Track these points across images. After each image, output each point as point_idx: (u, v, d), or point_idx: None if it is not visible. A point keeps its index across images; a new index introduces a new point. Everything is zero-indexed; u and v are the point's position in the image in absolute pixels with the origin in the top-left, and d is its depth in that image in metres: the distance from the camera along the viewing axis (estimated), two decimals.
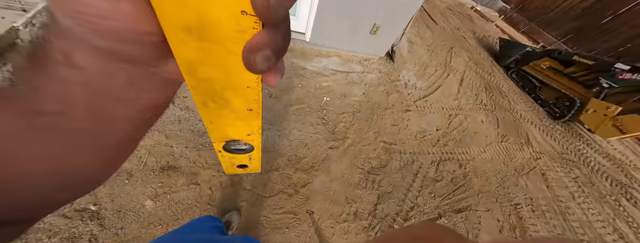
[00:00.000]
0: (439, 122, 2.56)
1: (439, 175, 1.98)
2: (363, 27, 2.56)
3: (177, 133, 1.37)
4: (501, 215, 1.92)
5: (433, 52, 3.91)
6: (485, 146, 2.54)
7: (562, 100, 3.70)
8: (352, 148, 1.83)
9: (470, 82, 3.60)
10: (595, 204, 2.52)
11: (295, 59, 2.39)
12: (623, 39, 6.02)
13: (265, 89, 1.89)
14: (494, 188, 2.11)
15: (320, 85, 2.25)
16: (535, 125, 3.39)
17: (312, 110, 1.94)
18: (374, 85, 2.61)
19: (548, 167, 2.71)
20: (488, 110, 3.18)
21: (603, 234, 2.21)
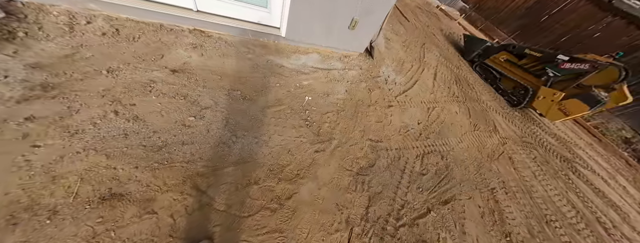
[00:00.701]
0: (420, 115, 2.42)
1: (424, 168, 1.84)
2: (341, 21, 2.26)
3: (123, 151, 1.01)
4: (481, 201, 1.85)
5: (408, 48, 3.75)
6: (461, 136, 2.46)
7: (518, 89, 3.80)
8: (339, 150, 1.59)
9: (442, 75, 3.52)
10: (551, 180, 2.59)
11: (271, 56, 2.05)
12: (558, 35, 6.43)
13: (238, 90, 1.56)
14: (473, 176, 2.03)
15: (300, 84, 1.96)
16: (499, 113, 3.43)
17: (293, 111, 1.65)
18: (356, 82, 2.37)
19: (513, 150, 2.73)
20: (460, 102, 3.12)
21: (560, 206, 2.27)
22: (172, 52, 1.59)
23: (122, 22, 1.60)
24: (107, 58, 1.37)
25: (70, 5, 1.51)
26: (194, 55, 1.66)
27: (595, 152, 4.02)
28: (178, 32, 1.75)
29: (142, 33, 1.60)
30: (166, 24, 1.75)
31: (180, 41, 1.69)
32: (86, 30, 1.47)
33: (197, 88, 1.46)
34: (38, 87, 1.12)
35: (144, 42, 1.56)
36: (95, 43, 1.42)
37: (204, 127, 1.29)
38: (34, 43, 1.28)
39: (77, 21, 1.48)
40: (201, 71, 1.57)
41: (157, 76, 1.41)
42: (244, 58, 1.88)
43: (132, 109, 1.17)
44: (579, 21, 6.03)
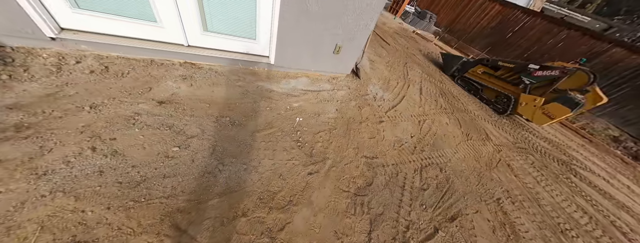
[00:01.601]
0: (412, 129, 2.40)
1: (424, 183, 1.74)
2: (326, 47, 2.39)
3: (95, 191, 0.91)
4: (489, 214, 1.71)
5: (391, 67, 3.93)
6: (456, 146, 2.42)
7: (501, 98, 3.92)
8: (333, 170, 1.51)
9: (428, 90, 3.63)
10: (555, 185, 2.49)
11: (261, 82, 2.08)
12: (523, 48, 7.02)
13: (227, 116, 1.52)
14: (475, 187, 1.93)
15: (291, 106, 1.95)
16: (488, 121, 3.46)
17: (284, 133, 1.60)
18: (345, 101, 2.39)
19: (509, 157, 2.67)
20: (448, 113, 3.16)
21: (571, 213, 2.13)
22: (161, 84, 1.59)
23: (113, 59, 1.62)
24: (91, 94, 1.34)
25: (61, 48, 1.53)
26: (183, 86, 1.65)
27: (589, 153, 4.00)
28: (168, 66, 1.78)
29: (131, 69, 1.61)
30: (157, 59, 1.79)
31: (170, 74, 1.71)
32: (74, 69, 1.47)
33: (184, 117, 1.41)
34: (11, 128, 1.05)
35: (133, 77, 1.56)
36: (81, 81, 1.41)
37: (188, 157, 1.20)
38: (17, 84, 1.26)
39: (66, 62, 1.49)
40: (189, 101, 1.54)
41: (142, 108, 1.37)
42: (234, 86, 1.89)
43: (112, 144, 1.10)
44: (539, 36, 6.63)
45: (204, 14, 1.73)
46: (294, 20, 1.90)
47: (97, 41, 1.54)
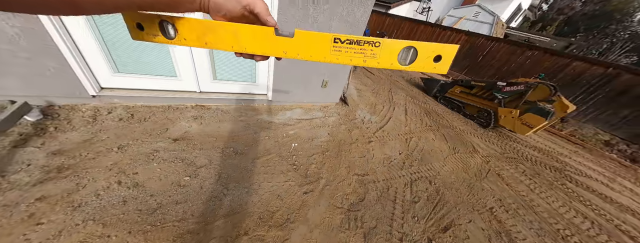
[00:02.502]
0: (399, 146, 2.56)
1: (415, 196, 1.81)
2: (315, 83, 2.76)
3: (119, 218, 1.05)
4: (483, 223, 1.72)
5: (377, 93, 4.33)
6: (444, 160, 2.53)
7: (482, 113, 4.18)
8: (327, 188, 1.62)
9: (413, 111, 3.92)
10: (550, 191, 2.48)
11: (261, 116, 2.36)
12: (495, 68, 7.71)
13: (231, 147, 1.74)
14: (466, 198, 1.97)
15: (287, 134, 2.17)
16: (474, 135, 3.62)
17: (281, 158, 1.77)
18: (336, 126, 2.63)
19: (499, 167, 2.74)
20: (434, 130, 3.35)
21: (570, 218, 2.08)
22: (176, 125, 1.85)
23: (137, 108, 1.93)
24: (119, 138, 1.59)
25: (98, 103, 1.86)
26: (194, 124, 1.92)
27: (583, 158, 4.00)
28: (182, 109, 2.08)
29: (152, 114, 1.91)
30: (173, 105, 2.11)
31: (184, 116, 1.99)
32: (106, 118, 1.75)
33: (194, 151, 1.62)
34: (54, 170, 1.25)
35: (153, 121, 1.84)
36: (112, 127, 1.67)
37: (197, 184, 1.36)
38: (61, 134, 1.51)
39: (100, 113, 1.79)
40: (199, 136, 1.78)
41: (160, 146, 1.59)
42: (237, 121, 2.16)
43: (134, 177, 1.27)
44: (506, 57, 7.37)
45: (214, 67, 2.12)
46: (285, 65, 2.30)
47: (127, 95, 1.88)
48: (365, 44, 0.33)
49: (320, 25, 2.17)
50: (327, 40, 0.33)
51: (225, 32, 0.34)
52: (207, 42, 0.35)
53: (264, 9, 0.33)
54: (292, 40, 0.34)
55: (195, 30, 0.34)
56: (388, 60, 0.33)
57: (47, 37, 1.41)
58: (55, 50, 1.48)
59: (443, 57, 0.32)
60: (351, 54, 0.34)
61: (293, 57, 0.34)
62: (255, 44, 0.34)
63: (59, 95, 1.68)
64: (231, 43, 0.35)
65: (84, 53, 1.62)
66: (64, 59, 1.53)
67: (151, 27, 0.34)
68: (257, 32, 0.34)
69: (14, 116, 1.38)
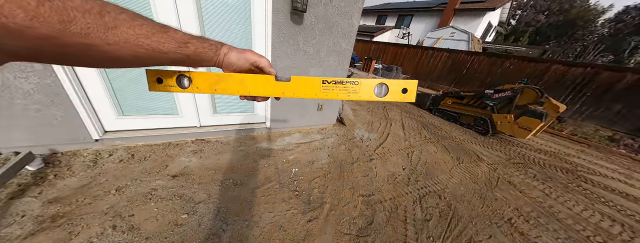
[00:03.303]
0: (402, 162, 2.52)
1: (426, 213, 1.70)
2: (311, 107, 2.87)
3: None
4: (505, 237, 1.58)
5: (372, 112, 4.44)
6: (449, 171, 2.46)
7: (478, 121, 4.23)
8: (333, 214, 1.54)
9: (410, 125, 3.96)
10: (567, 195, 2.35)
11: (260, 144, 2.38)
12: (481, 79, 8.14)
13: (230, 179, 1.71)
14: (481, 210, 1.85)
15: (287, 159, 2.16)
16: (475, 143, 3.59)
17: (282, 185, 1.73)
18: (336, 146, 2.63)
19: (508, 174, 2.65)
20: (434, 142, 3.34)
21: (597, 222, 1.92)
22: (175, 161, 1.85)
23: (138, 148, 1.96)
24: (118, 179, 1.57)
25: (100, 146, 1.89)
26: (194, 159, 1.92)
27: (593, 157, 3.90)
28: (182, 145, 2.11)
29: (152, 153, 1.93)
30: (174, 142, 2.14)
31: (183, 151, 2.01)
32: (107, 161, 1.76)
33: (193, 186, 1.59)
34: (48, 219, 1.21)
35: (153, 159, 1.85)
36: (111, 169, 1.67)
37: (195, 221, 1.30)
38: (59, 181, 1.50)
39: (101, 156, 1.81)
40: (198, 170, 1.76)
41: (158, 184, 1.57)
42: (237, 151, 2.17)
43: (130, 220, 1.22)
44: (488, 68, 7.85)
45: (214, 102, 2.24)
46: None
47: (129, 136, 1.93)
48: (347, 83, 0.41)
49: (311, 56, 2.38)
50: (317, 82, 0.41)
51: (233, 81, 0.41)
52: (217, 89, 0.41)
53: (267, 64, 0.41)
54: (289, 84, 0.41)
55: (207, 80, 0.41)
56: (367, 94, 0.41)
57: (61, 88, 1.53)
58: (65, 100, 1.58)
59: (408, 89, 0.40)
60: (337, 91, 0.41)
61: (290, 97, 0.42)
62: (258, 88, 0.41)
63: (63, 142, 1.73)
64: (238, 89, 0.41)
65: (92, 99, 1.73)
66: (73, 107, 1.63)
67: (169, 80, 0.41)
68: (260, 79, 0.41)
69: (14, 168, 1.40)
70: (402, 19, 17.08)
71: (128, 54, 0.25)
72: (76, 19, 0.20)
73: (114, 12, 0.23)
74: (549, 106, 3.36)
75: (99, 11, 0.21)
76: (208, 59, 0.36)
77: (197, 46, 0.33)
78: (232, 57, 0.39)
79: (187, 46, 0.31)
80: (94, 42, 0.21)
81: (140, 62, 0.28)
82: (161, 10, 1.57)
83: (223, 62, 0.38)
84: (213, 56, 0.36)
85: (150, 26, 0.26)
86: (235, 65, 0.40)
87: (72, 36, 0.20)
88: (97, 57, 0.23)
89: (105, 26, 0.22)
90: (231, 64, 0.39)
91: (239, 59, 0.39)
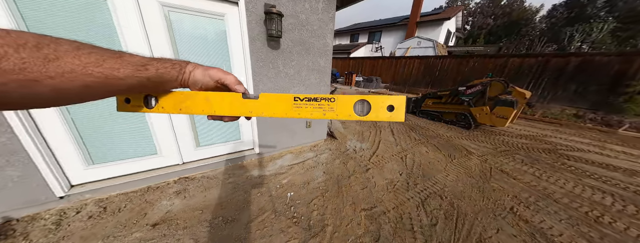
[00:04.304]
0: (398, 167, 2.53)
1: (431, 217, 1.68)
2: (299, 125, 2.88)
3: None
4: (512, 228, 1.58)
5: (361, 122, 4.53)
6: (445, 169, 2.51)
7: (459, 117, 4.48)
8: (336, 236, 1.46)
9: (398, 129, 4.08)
10: (556, 174, 2.47)
11: (250, 172, 2.28)
12: (453, 78, 8.87)
13: (220, 216, 1.59)
14: (482, 204, 1.87)
15: (280, 184, 2.07)
16: (462, 138, 3.75)
17: (278, 214, 1.63)
18: (330, 162, 2.59)
19: (498, 163, 2.75)
20: (424, 142, 3.44)
21: (590, 197, 2.01)
22: (155, 207, 1.70)
23: (111, 199, 1.78)
24: (86, 241, 1.39)
25: (65, 204, 1.69)
26: (177, 201, 1.77)
27: (567, 134, 4.22)
28: (163, 188, 1.95)
29: (128, 201, 1.75)
30: (153, 185, 1.98)
31: (165, 194, 1.86)
32: (73, 220, 1.56)
33: (177, 232, 1.44)
34: None
35: (129, 208, 1.68)
36: (78, 229, 1.48)
37: None
38: None
39: (66, 215, 1.60)
40: (183, 213, 1.62)
41: (136, 237, 1.40)
42: (225, 184, 2.05)
43: None
44: (457, 67, 8.65)
45: (196, 134, 2.15)
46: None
47: (101, 186, 1.76)
48: (322, 100, 0.37)
49: (292, 77, 2.46)
50: (288, 99, 0.38)
51: (199, 99, 0.39)
52: (181, 108, 0.39)
53: (233, 81, 0.39)
54: (257, 102, 0.38)
55: (172, 99, 0.39)
56: (345, 112, 0.37)
57: (18, 145, 1.40)
58: (23, 158, 1.44)
59: (395, 106, 0.35)
60: (311, 109, 0.37)
61: (258, 115, 0.39)
62: (224, 106, 0.39)
63: (19, 206, 1.52)
64: (203, 107, 0.39)
65: (56, 152, 1.59)
66: (33, 164, 1.47)
67: (137, 100, 0.39)
68: (226, 97, 0.39)
69: None
70: (372, 35, 18.98)
71: (77, 86, 0.23)
72: (7, 54, 0.19)
73: (54, 44, 0.22)
74: (517, 94, 3.70)
75: (36, 44, 0.20)
76: (172, 79, 0.34)
77: (158, 67, 0.31)
78: (197, 75, 0.37)
79: (146, 68, 0.29)
80: (33, 77, 0.20)
81: (94, 93, 0.26)
82: (132, 47, 1.58)
83: (189, 81, 0.37)
84: (177, 75, 0.35)
85: (100, 53, 0.25)
86: (201, 82, 0.38)
87: (5, 74, 0.19)
88: (42, 94, 0.22)
89: (44, 59, 0.20)
90: (196, 82, 0.37)
91: (204, 76, 0.37)
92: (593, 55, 5.66)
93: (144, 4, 1.54)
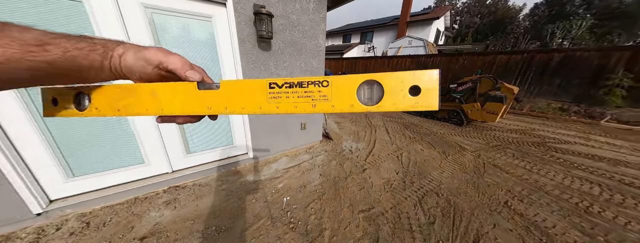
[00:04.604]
0: (394, 166, 2.54)
1: (429, 216, 1.68)
2: (294, 127, 2.84)
3: None
4: (508, 223, 1.61)
5: (356, 122, 4.54)
6: (440, 166, 2.54)
7: (452, 113, 4.57)
8: (335, 240, 1.43)
9: (393, 128, 4.11)
10: (546, 167, 2.55)
11: (244, 177, 2.23)
12: (443, 77, 9.07)
13: (213, 226, 1.53)
14: (478, 199, 1.90)
15: (276, 189, 2.03)
16: (455, 135, 3.82)
17: (274, 220, 1.59)
18: (326, 163, 2.57)
19: (491, 158, 2.81)
20: (419, 140, 3.48)
21: (579, 188, 2.08)
22: (144, 219, 1.62)
23: (95, 213, 1.69)
24: None
25: (44, 220, 1.58)
26: (167, 211, 1.70)
27: (553, 127, 4.38)
28: (152, 198, 1.87)
29: (114, 215, 1.66)
30: (141, 196, 1.89)
31: (154, 205, 1.78)
32: (53, 238, 1.46)
33: None
34: None
35: (115, 222, 1.59)
36: None
37: None
38: None
39: (45, 233, 1.50)
40: (173, 224, 1.55)
41: None
42: (218, 191, 1.99)
43: None
44: (447, 65, 8.85)
45: (186, 141, 2.08)
46: (260, 117, 2.38)
47: (83, 200, 1.66)
48: (310, 84, 0.27)
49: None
50: (260, 87, 0.28)
51: (142, 94, 0.29)
52: (120, 108, 0.29)
53: (179, 65, 0.27)
54: (217, 93, 0.28)
55: (108, 96, 0.29)
56: (345, 101, 0.26)
57: None
58: None
59: (423, 87, 0.24)
60: (295, 100, 0.27)
61: (220, 112, 0.29)
62: (176, 103, 0.29)
63: None
64: (147, 105, 0.29)
65: (32, 166, 1.49)
66: (6, 181, 1.37)
67: (66, 100, 0.30)
68: (178, 89, 0.29)
69: None
70: (364, 35, 19.30)
71: None
72: None
73: None
74: (505, 90, 3.80)
75: None
76: (94, 65, 0.24)
77: (67, 48, 0.22)
78: (128, 59, 0.26)
79: (45, 49, 0.20)
80: None
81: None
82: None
83: (122, 69, 0.26)
84: (102, 60, 0.25)
85: None
86: (137, 71, 0.27)
87: None
88: None
89: None
90: (131, 69, 0.27)
91: (137, 60, 0.26)
92: (574, 51, 5.91)
93: (124, 5, 1.47)
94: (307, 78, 0.27)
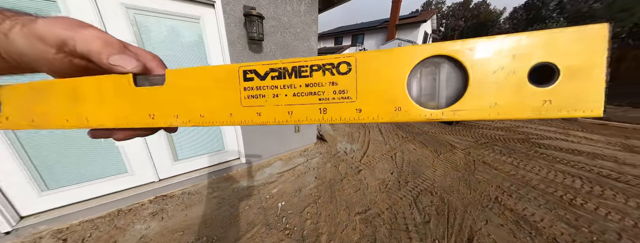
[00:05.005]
0: (388, 166, 2.57)
1: (424, 215, 1.71)
2: (288, 130, 2.81)
3: None
4: (499, 218, 1.67)
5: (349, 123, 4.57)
6: (432, 165, 2.59)
7: None
8: None
9: (386, 128, 4.17)
10: (531, 162, 2.67)
11: (237, 184, 2.16)
12: None
13: (204, 236, 1.47)
14: (470, 196, 1.95)
15: (270, 194, 1.99)
16: (446, 133, 3.93)
17: (269, 227, 1.55)
18: (321, 166, 2.55)
19: (480, 155, 2.92)
20: (411, 140, 3.54)
21: (562, 182, 2.19)
22: (127, 233, 1.52)
23: (73, 228, 1.57)
24: None
25: (14, 239, 1.45)
26: (153, 223, 1.61)
27: (536, 124, 4.62)
28: (137, 210, 1.77)
29: (95, 229, 1.56)
30: (124, 207, 1.78)
31: (138, 217, 1.68)
32: None
33: None
34: None
35: (95, 237, 1.49)
36: None
37: None
38: None
39: None
40: (161, 237, 1.47)
41: None
42: (209, 199, 1.91)
43: None
44: None
45: (173, 147, 1.99)
46: None
47: (59, 215, 1.54)
48: (315, 71, 0.17)
49: None
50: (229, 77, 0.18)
51: (59, 97, 0.20)
52: (34, 118, 0.20)
53: (97, 45, 0.17)
54: (163, 92, 0.19)
55: (21, 100, 0.20)
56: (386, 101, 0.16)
57: None
58: None
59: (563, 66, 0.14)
60: (289, 99, 0.17)
61: (169, 123, 0.19)
62: (102, 108, 0.20)
63: None
64: (66, 114, 0.20)
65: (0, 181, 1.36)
66: None
67: None
68: (104, 86, 0.19)
69: None
70: (356, 38, 19.78)
71: None
72: None
73: None
74: None
75: None
76: None
77: None
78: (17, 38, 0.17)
79: None
80: None
81: None
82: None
83: (11, 55, 0.17)
84: None
85: None
86: (31, 57, 0.17)
87: None
88: None
89: None
90: (21, 54, 0.17)
91: (28, 38, 0.17)
92: None
93: (104, 6, 1.40)
94: (310, 59, 0.16)
